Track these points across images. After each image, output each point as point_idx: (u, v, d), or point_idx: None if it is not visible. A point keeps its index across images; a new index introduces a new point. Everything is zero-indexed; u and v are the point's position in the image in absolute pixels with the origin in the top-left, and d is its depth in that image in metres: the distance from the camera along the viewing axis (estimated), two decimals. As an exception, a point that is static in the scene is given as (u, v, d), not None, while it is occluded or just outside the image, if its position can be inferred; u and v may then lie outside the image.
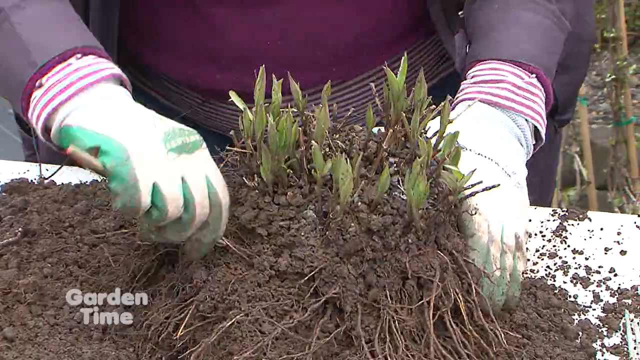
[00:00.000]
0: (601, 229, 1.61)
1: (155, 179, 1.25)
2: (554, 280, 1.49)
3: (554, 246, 1.57)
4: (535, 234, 1.59)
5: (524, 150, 1.46)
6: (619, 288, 1.48)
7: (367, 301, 1.22)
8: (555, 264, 1.53)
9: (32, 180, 1.65)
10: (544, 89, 1.51)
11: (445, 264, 1.26)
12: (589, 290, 1.48)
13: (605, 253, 1.56)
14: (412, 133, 1.29)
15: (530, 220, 1.56)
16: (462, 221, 1.33)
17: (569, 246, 1.57)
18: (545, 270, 1.51)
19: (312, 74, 1.69)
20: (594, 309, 1.44)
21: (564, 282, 1.49)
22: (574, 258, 1.55)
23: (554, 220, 1.63)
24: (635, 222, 1.63)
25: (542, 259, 1.53)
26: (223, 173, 1.31)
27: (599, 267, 1.52)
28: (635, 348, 1.36)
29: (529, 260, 1.51)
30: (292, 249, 1.24)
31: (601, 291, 1.47)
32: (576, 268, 1.52)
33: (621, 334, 1.39)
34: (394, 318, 1.21)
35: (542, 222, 1.62)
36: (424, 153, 1.24)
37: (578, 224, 1.63)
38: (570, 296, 1.46)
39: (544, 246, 1.56)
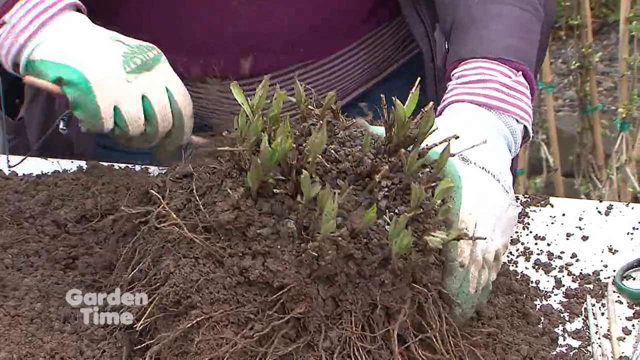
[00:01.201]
0: (563, 215, 1.62)
1: (116, 103, 1.37)
2: (516, 266, 1.50)
3: (516, 232, 1.58)
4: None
5: (510, 155, 1.43)
6: (580, 273, 1.49)
7: (332, 325, 1.20)
8: (517, 250, 1.54)
9: (-7, 172, 1.64)
10: (529, 84, 1.48)
11: (418, 296, 1.22)
12: (551, 276, 1.48)
13: (567, 239, 1.57)
14: (408, 168, 1.25)
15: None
16: (445, 246, 1.27)
17: (531, 232, 1.58)
18: (508, 256, 1.52)
19: (279, 57, 1.69)
20: (556, 295, 1.44)
21: (526, 268, 1.50)
22: (536, 244, 1.56)
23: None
24: (597, 208, 1.63)
25: (505, 245, 1.54)
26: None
27: (561, 252, 1.53)
28: (596, 333, 1.36)
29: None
30: (266, 259, 1.20)
31: (563, 277, 1.48)
32: (538, 254, 1.53)
33: (583, 318, 1.40)
34: (358, 346, 1.19)
35: (504, 209, 1.62)
36: (414, 202, 1.21)
37: (540, 210, 1.64)
38: (532, 282, 1.47)
39: (506, 232, 1.57)
